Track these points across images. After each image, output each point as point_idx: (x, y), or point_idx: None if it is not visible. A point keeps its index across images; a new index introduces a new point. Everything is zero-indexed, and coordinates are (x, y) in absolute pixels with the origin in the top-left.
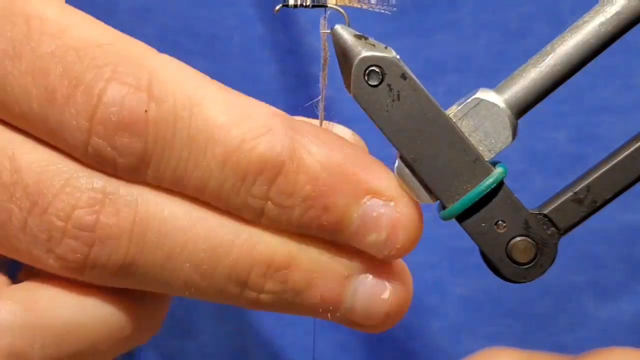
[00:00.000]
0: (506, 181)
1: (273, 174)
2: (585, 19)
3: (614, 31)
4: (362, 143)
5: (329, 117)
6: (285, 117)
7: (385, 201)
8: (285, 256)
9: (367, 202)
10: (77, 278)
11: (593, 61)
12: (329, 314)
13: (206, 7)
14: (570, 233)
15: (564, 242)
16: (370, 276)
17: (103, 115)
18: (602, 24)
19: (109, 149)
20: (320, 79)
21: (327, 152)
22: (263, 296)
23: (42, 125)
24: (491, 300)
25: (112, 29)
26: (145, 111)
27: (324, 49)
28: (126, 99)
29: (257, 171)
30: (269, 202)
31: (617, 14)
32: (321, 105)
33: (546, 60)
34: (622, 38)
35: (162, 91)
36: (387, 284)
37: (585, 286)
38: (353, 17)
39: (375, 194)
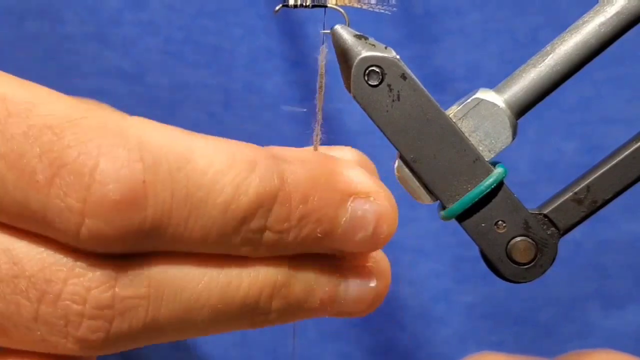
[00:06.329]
0: (512, 187)
1: (270, 205)
2: (585, 19)
3: (613, 31)
4: (366, 160)
5: (333, 130)
6: (261, 148)
7: (366, 198)
8: (285, 275)
9: (352, 204)
10: (96, 354)
11: (602, 72)
12: (326, 312)
13: (211, 18)
14: (570, 233)
15: (570, 251)
16: (359, 272)
17: (99, 194)
18: (602, 24)
19: (106, 228)
20: (317, 91)
21: (309, 168)
22: (271, 315)
23: (24, 211)
24: (497, 309)
25: (79, 100)
26: (144, 182)
27: (322, 62)
28: (122, 174)
29: (256, 207)
30: (267, 231)
31: (617, 14)
32: (319, 116)
33: (546, 60)
34: (621, 38)
35: (155, 157)
36: (372, 272)
37: (592, 296)
38: (363, 24)
39: (356, 194)
